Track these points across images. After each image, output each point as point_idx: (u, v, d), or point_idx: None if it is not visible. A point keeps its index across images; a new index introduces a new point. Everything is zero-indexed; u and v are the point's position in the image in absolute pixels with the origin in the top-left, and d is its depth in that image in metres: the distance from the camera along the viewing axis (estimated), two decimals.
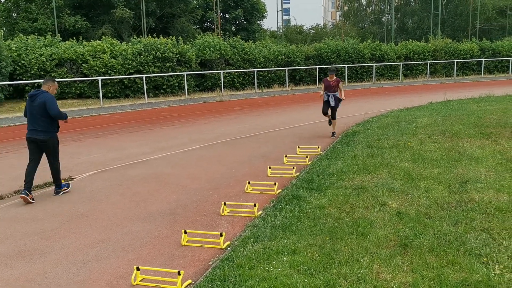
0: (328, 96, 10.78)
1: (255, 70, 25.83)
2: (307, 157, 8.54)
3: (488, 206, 5.39)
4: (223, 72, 24.79)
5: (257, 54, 26.59)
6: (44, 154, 6.93)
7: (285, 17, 54.62)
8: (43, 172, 8.27)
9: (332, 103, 10.77)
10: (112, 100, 21.58)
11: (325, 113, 10.99)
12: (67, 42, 23.07)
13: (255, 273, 4.03)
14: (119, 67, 22.16)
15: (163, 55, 22.82)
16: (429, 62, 31.65)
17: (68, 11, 30.97)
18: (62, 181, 7.24)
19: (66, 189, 7.14)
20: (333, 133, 11.01)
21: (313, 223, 5.15)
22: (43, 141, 6.79)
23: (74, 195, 6.93)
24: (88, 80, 21.64)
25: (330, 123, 11.11)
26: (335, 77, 10.76)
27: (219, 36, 29.92)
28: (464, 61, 32.82)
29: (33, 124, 6.76)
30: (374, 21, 54.90)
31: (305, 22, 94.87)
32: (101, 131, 13.01)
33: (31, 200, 6.61)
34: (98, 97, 20.48)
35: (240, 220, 5.62)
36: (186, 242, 4.96)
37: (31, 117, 6.77)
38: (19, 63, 20.84)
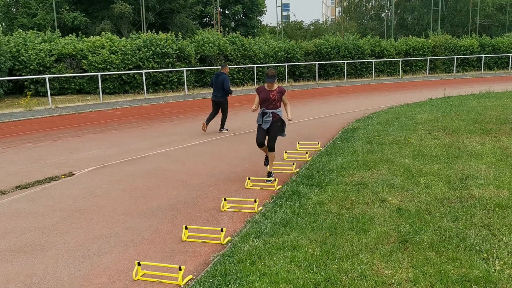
0: (265, 115, 7.05)
1: (255, 66, 25.80)
2: (307, 153, 8.54)
3: (488, 202, 5.40)
4: None
5: (256, 50, 26.55)
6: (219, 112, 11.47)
7: (285, 13, 54.50)
8: (43, 167, 8.29)
9: (267, 125, 7.03)
10: (112, 96, 21.55)
11: (261, 144, 7.14)
12: (66, 37, 23.01)
13: (255, 269, 4.04)
14: (118, 62, 22.11)
15: (163, 50, 22.77)
16: (428, 58, 31.61)
17: (68, 7, 30.89)
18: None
19: (226, 130, 11.34)
20: (269, 173, 7.18)
21: (313, 219, 5.16)
22: (220, 102, 11.31)
23: (74, 190, 6.93)
24: (87, 75, 21.60)
25: (267, 161, 7.42)
26: (276, 86, 7.12)
27: (219, 32, 29.85)
28: (464, 57, 32.78)
29: (216, 91, 11.28)
30: (374, 17, 54.87)
31: (305, 18, 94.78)
32: (100, 127, 13.00)
33: (205, 128, 11.17)
34: (98, 93, 20.44)
35: (241, 215, 5.63)
36: (187, 237, 4.97)
37: (216, 87, 11.27)
38: (18, 59, 20.79)
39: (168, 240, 4.97)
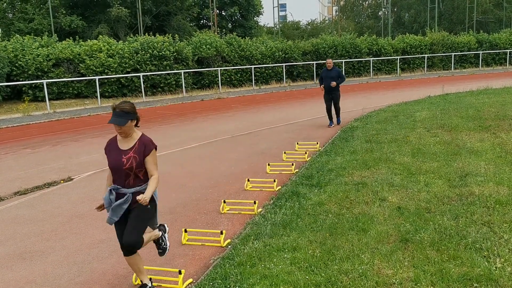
0: (118, 196, 3.83)
1: (252, 66, 25.78)
2: (306, 153, 8.53)
3: (488, 200, 5.38)
4: (220, 69, 24.74)
5: (254, 51, 26.52)
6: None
7: (282, 13, 54.50)
8: (42, 173, 8.27)
9: (118, 215, 3.75)
10: (110, 100, 21.52)
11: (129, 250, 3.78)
12: (63, 42, 23.00)
13: (256, 271, 4.02)
14: (116, 66, 22.11)
15: (160, 53, 22.76)
16: (426, 55, 31.61)
17: (64, 11, 30.86)
18: None
19: (330, 125, 11.77)
20: (161, 250, 4.15)
21: (313, 219, 5.15)
22: (334, 92, 11.54)
23: (73, 195, 6.91)
24: (85, 79, 21.59)
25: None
26: (138, 135, 3.86)
27: (216, 33, 29.85)
28: (461, 54, 32.79)
29: (328, 86, 11.42)
30: (371, 15, 54.86)
31: (302, 17, 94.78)
32: (99, 131, 12.99)
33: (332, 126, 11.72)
34: (96, 97, 20.42)
35: (240, 217, 5.61)
36: (187, 240, 4.95)
37: (327, 82, 11.45)
38: (16, 64, 20.77)
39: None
